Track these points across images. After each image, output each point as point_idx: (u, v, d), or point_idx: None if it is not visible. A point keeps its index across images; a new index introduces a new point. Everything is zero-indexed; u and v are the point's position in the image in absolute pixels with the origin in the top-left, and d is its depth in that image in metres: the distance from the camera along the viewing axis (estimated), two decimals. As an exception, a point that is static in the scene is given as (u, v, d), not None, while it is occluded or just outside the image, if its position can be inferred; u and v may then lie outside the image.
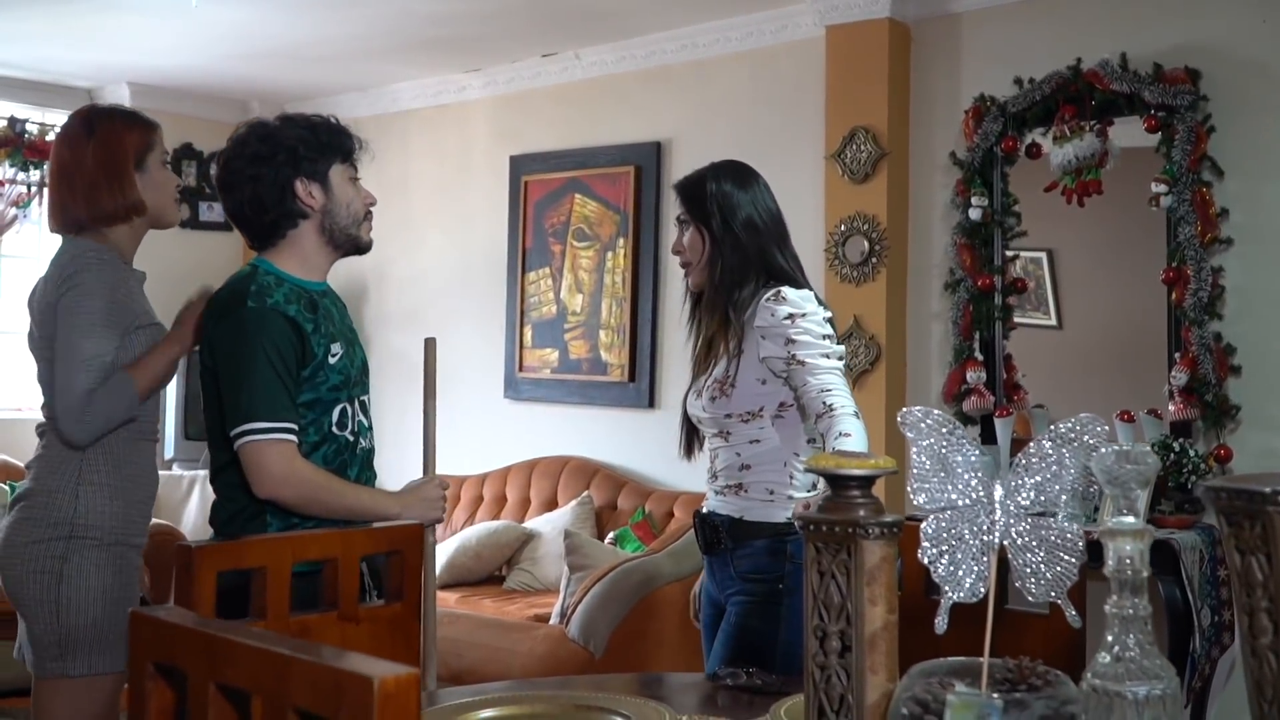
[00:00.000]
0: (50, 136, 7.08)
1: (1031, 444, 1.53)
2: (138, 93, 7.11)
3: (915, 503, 1.54)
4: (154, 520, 6.18)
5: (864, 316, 5.09)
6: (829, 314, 2.92)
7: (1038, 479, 1.52)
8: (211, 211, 7.47)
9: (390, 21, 5.82)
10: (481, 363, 6.63)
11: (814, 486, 2.91)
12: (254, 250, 2.77)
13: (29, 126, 7.03)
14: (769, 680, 2.27)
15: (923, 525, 1.53)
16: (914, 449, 1.54)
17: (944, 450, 1.53)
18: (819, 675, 1.62)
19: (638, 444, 5.92)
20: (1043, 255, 5.13)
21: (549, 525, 5.73)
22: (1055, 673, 1.52)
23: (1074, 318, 5.16)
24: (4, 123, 6.94)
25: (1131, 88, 4.53)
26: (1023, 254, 5.03)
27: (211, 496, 6.86)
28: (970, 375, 4.87)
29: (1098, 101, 4.62)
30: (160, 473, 6.73)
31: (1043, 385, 4.99)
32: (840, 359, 2.84)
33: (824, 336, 2.83)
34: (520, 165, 6.51)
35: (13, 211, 6.98)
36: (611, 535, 5.43)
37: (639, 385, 5.97)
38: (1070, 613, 1.55)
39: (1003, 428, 4.78)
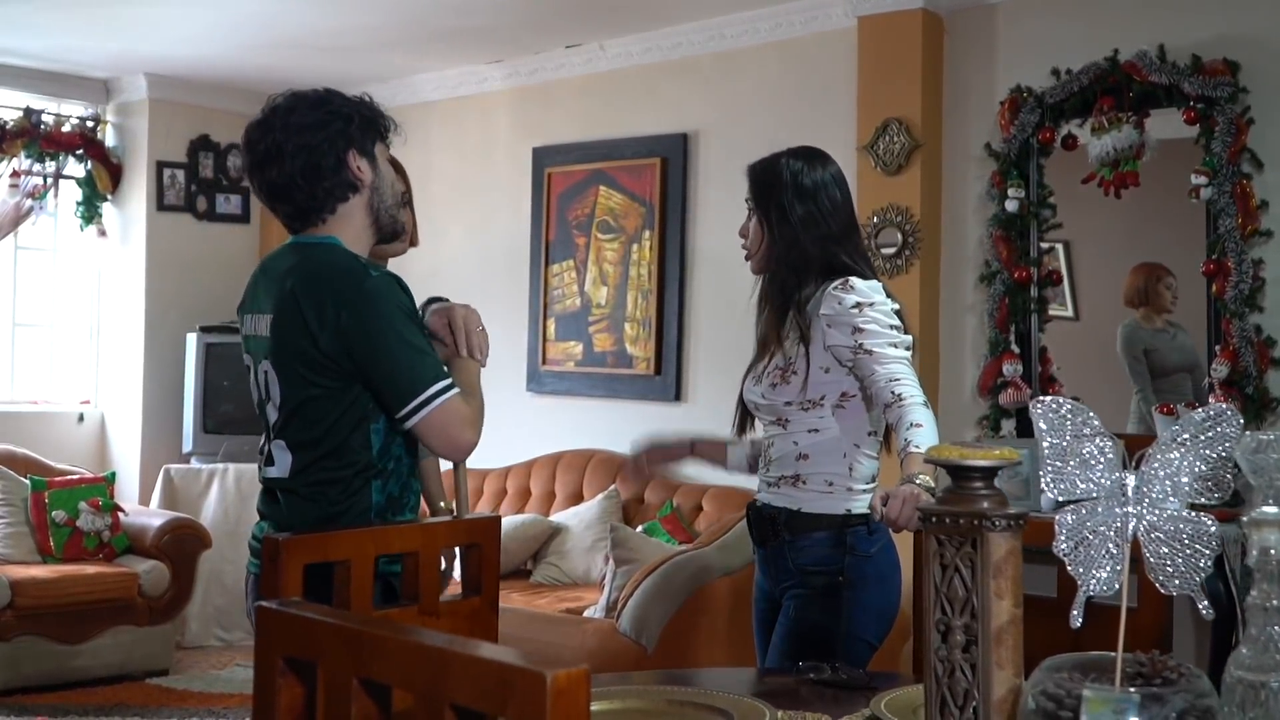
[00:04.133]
0: (67, 127, 7.05)
1: (1165, 433, 1.50)
2: (155, 83, 7.08)
3: (1049, 495, 1.51)
4: (172, 514, 6.19)
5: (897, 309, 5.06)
6: (897, 305, 2.86)
7: (1172, 469, 1.49)
8: (228, 204, 7.43)
9: (411, 12, 5.78)
10: (503, 356, 6.58)
11: (873, 479, 2.88)
12: (291, 229, 2.60)
13: (45, 118, 6.99)
14: (854, 674, 2.24)
15: (1057, 517, 1.50)
16: (1046, 440, 1.51)
17: (1076, 441, 1.50)
18: (941, 670, 1.59)
19: (664, 437, 5.87)
20: (1059, 247, 5.10)
21: (576, 519, 5.70)
22: (1187, 665, 1.49)
23: (1092, 310, 5.14)
24: (20, 114, 6.89)
25: (1170, 79, 4.50)
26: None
27: (231, 488, 6.71)
28: (1006, 368, 4.85)
29: (1135, 93, 4.60)
30: (178, 466, 6.74)
31: (1065, 378, 4.96)
32: (908, 349, 2.78)
33: (891, 326, 2.78)
34: (543, 157, 6.47)
35: (29, 203, 6.94)
36: (640, 529, 5.40)
37: (665, 378, 5.94)
38: (1202, 604, 1.52)
39: (1039, 421, 4.75)
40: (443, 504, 3.72)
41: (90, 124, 7.20)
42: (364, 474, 2.42)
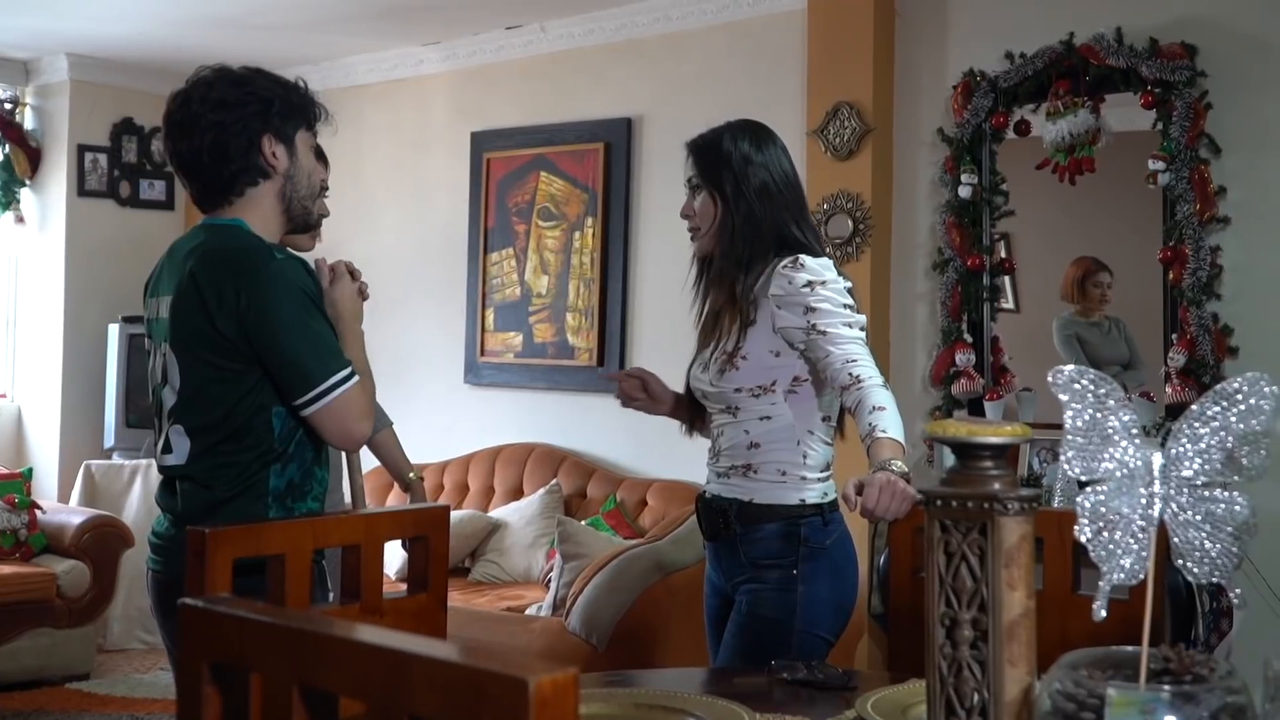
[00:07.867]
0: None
1: (1194, 406, 1.36)
2: (77, 64, 6.81)
3: (1070, 474, 1.36)
4: (93, 511, 5.94)
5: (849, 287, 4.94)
6: (849, 284, 2.74)
7: (1201, 446, 1.35)
8: (152, 189, 7.18)
9: (345, -10, 5.58)
10: (440, 347, 6.41)
11: (827, 466, 2.75)
12: (201, 209, 2.51)
13: (-38, 99, 6.72)
14: (831, 673, 2.09)
15: (1079, 499, 1.36)
16: (1068, 413, 1.36)
17: (1099, 415, 1.35)
18: (946, 668, 1.44)
19: (607, 430, 5.72)
20: (999, 239, 5.00)
21: (516, 514, 5.52)
22: (1217, 660, 1.36)
23: (1034, 302, 5.04)
24: (-65, 95, 6.61)
25: (1128, 63, 4.40)
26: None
27: (154, 485, 6.54)
28: (959, 357, 4.73)
29: (1092, 77, 4.50)
30: (99, 462, 6.47)
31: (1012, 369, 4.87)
32: (862, 329, 2.67)
33: (845, 306, 2.66)
34: (482, 142, 6.28)
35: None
36: (583, 524, 5.23)
37: (608, 369, 5.77)
38: (1235, 593, 1.38)
39: (993, 411, 4.66)
40: (411, 475, 3.55)
41: (8, 106, 6.92)
42: (264, 458, 2.33)
